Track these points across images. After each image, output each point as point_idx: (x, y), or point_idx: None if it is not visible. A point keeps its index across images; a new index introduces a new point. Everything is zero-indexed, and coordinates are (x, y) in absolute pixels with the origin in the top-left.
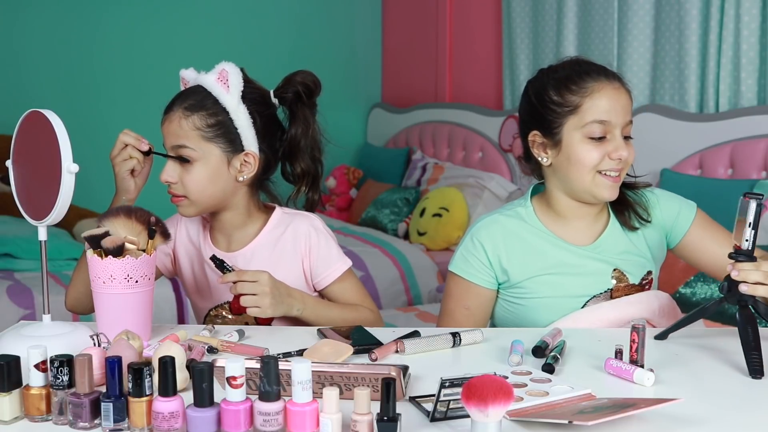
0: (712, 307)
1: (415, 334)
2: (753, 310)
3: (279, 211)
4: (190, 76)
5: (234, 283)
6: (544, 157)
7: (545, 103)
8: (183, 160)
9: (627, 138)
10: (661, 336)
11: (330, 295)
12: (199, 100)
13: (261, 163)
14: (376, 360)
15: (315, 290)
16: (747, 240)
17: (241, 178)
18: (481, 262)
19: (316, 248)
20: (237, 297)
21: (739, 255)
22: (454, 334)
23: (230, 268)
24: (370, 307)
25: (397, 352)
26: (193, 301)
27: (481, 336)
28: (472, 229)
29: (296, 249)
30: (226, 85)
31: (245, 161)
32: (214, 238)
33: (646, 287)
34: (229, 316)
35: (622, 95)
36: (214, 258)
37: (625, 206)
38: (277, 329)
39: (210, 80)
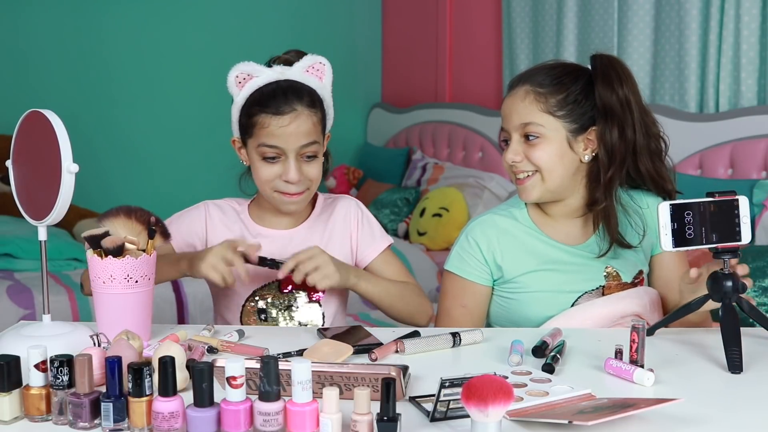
0: (696, 303)
1: (415, 334)
2: (738, 307)
3: (322, 196)
4: (257, 70)
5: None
6: None
7: None
8: (310, 158)
9: (531, 137)
10: (650, 332)
11: (373, 271)
12: (310, 94)
13: None
14: (376, 360)
15: (359, 266)
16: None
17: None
18: (477, 259)
19: (363, 223)
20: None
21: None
22: (454, 334)
23: (281, 261)
24: (415, 283)
25: (397, 352)
26: (236, 287)
27: (481, 336)
28: (466, 228)
29: (345, 226)
30: (320, 76)
31: (324, 143)
32: (261, 218)
33: (638, 286)
34: (280, 292)
35: (516, 101)
36: (263, 260)
37: (611, 225)
38: (278, 329)
39: (301, 74)
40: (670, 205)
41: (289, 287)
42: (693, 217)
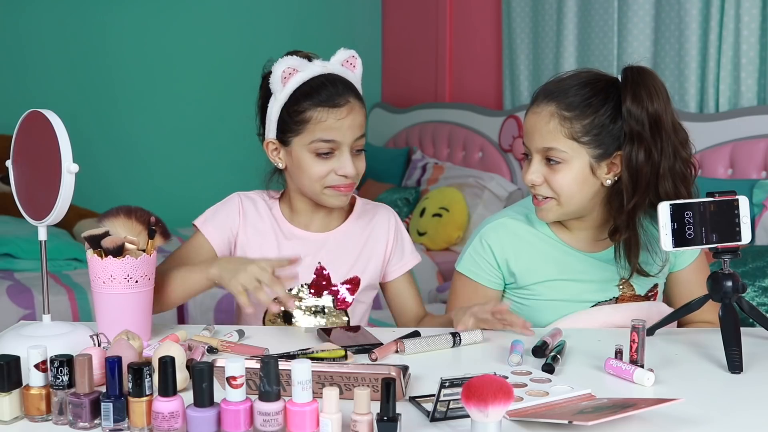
0: (696, 303)
1: (415, 334)
2: (738, 307)
3: (361, 200)
4: (302, 64)
5: None
6: None
7: None
8: (359, 151)
9: (553, 161)
10: (650, 332)
11: (394, 287)
12: (356, 88)
13: None
14: (376, 360)
15: (383, 279)
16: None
17: None
18: (490, 264)
19: (399, 236)
20: None
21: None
22: (454, 334)
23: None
24: (426, 314)
25: (397, 352)
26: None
27: (480, 336)
28: (480, 230)
29: (384, 237)
30: (353, 69)
31: None
32: (292, 218)
33: (651, 299)
34: (308, 297)
35: (539, 122)
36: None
37: (633, 255)
38: (278, 329)
39: (339, 68)
40: (670, 205)
41: (321, 293)
42: (693, 217)
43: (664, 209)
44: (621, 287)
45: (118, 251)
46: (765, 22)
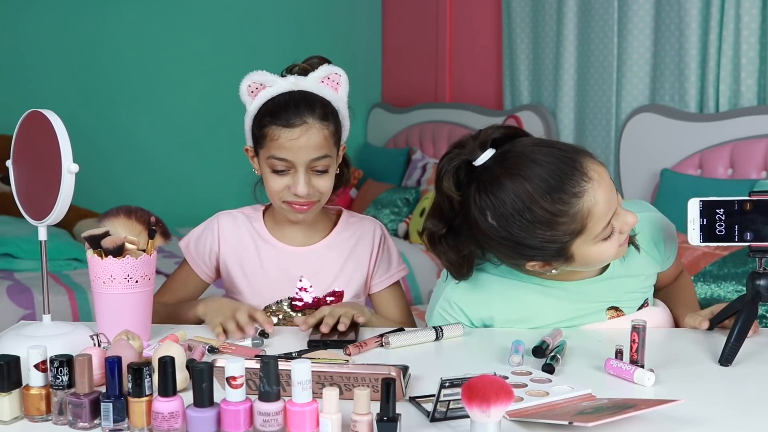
0: (737, 302)
1: (399, 331)
2: None
3: (346, 214)
4: (270, 80)
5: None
6: None
7: None
8: (321, 172)
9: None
10: (711, 327)
11: (379, 299)
12: (324, 106)
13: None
14: (350, 356)
15: (369, 291)
16: None
17: (336, 171)
18: (463, 322)
19: (383, 249)
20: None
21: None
22: (437, 329)
23: (328, 341)
24: (412, 325)
25: (382, 345)
26: (244, 300)
27: (461, 330)
28: (446, 288)
29: (367, 250)
30: (336, 87)
31: (338, 154)
32: (276, 229)
33: None
34: (291, 312)
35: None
36: (311, 343)
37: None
38: (278, 329)
39: (316, 84)
40: (700, 201)
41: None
42: (725, 214)
43: (693, 205)
44: (608, 314)
45: (118, 251)
46: (765, 22)
